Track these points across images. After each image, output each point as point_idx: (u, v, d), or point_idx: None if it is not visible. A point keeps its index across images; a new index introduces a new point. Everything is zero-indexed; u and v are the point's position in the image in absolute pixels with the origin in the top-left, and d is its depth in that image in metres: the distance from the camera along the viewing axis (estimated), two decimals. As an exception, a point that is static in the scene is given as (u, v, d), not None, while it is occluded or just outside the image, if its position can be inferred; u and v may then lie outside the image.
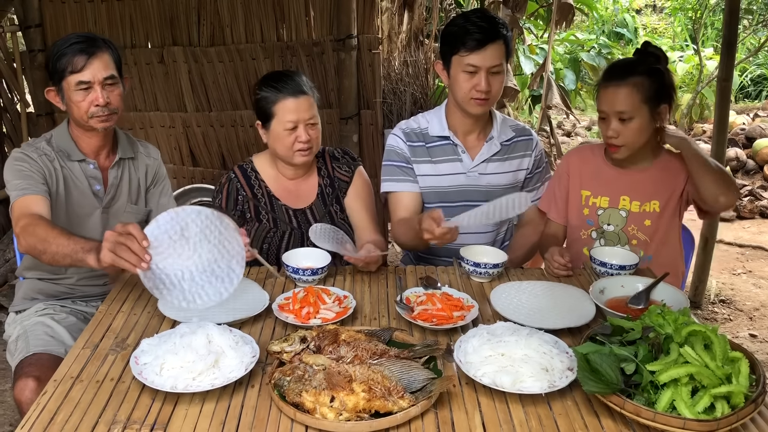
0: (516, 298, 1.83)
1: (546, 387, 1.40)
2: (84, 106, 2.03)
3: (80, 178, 2.13)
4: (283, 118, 2.10)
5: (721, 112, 3.67)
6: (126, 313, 1.80)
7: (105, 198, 2.17)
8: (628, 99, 2.02)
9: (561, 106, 4.51)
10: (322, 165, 2.30)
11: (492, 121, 2.36)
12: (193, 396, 1.41)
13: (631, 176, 2.19)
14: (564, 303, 1.81)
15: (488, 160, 2.33)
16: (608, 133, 2.08)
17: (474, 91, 2.17)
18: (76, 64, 1.99)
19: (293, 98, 2.10)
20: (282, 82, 2.12)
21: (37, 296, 2.20)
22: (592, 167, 2.25)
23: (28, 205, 1.95)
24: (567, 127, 7.74)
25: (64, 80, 2.02)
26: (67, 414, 1.37)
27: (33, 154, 2.06)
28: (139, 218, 2.26)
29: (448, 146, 2.32)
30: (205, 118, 3.95)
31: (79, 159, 2.12)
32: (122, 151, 2.20)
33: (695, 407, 1.30)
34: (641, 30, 10.03)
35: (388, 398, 1.35)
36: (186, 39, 3.85)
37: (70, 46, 2.01)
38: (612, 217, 2.22)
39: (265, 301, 1.80)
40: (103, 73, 2.02)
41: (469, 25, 2.13)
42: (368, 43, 3.72)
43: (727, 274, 4.34)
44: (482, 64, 2.13)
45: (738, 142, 6.19)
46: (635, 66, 2.07)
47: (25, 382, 1.85)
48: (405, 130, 2.36)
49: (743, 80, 8.10)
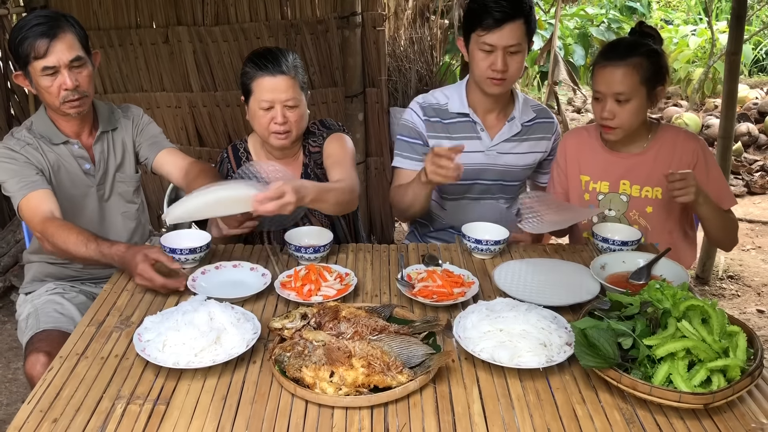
0: (519, 277, 1.82)
1: (544, 362, 1.42)
2: (54, 90, 1.97)
3: (68, 160, 2.10)
4: (259, 96, 2.06)
5: (730, 86, 3.62)
6: (130, 291, 1.83)
7: (97, 175, 2.15)
8: (627, 79, 1.98)
9: (568, 82, 4.47)
10: (306, 143, 2.24)
11: (513, 101, 2.34)
12: (195, 372, 1.44)
13: (627, 159, 2.15)
14: (568, 280, 1.81)
15: (507, 140, 2.32)
16: (603, 114, 2.03)
17: (490, 71, 2.14)
18: (38, 49, 1.91)
19: (270, 77, 2.03)
20: (264, 60, 2.06)
21: (45, 279, 2.23)
22: (589, 151, 2.21)
23: (36, 206, 1.96)
24: (578, 104, 7.67)
25: (29, 65, 1.95)
26: (72, 389, 1.40)
27: (16, 147, 2.03)
28: (132, 185, 2.24)
29: (468, 123, 2.31)
30: (211, 98, 3.95)
31: (62, 141, 2.09)
32: (102, 125, 2.16)
33: (691, 381, 1.31)
34: (654, 4, 9.86)
35: (387, 373, 1.37)
36: (191, 18, 3.84)
37: (30, 28, 1.92)
38: (613, 201, 2.19)
39: (267, 281, 1.81)
40: (67, 56, 1.94)
41: (489, 2, 2.09)
42: (372, 21, 3.69)
43: (736, 249, 4.31)
44: (498, 44, 2.10)
45: (750, 117, 6.11)
46: (635, 46, 2.02)
47: (36, 357, 1.89)
48: (422, 105, 2.34)
49: (757, 54, 7.97)
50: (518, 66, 2.18)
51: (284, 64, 2.05)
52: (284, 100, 2.05)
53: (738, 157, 5.54)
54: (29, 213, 1.97)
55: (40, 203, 1.96)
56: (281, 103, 2.05)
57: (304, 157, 2.24)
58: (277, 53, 2.08)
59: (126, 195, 2.24)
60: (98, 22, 3.83)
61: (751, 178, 5.34)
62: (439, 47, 4.46)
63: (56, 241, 1.90)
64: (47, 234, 1.92)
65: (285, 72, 2.04)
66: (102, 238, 1.93)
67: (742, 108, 6.18)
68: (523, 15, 2.11)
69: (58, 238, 1.90)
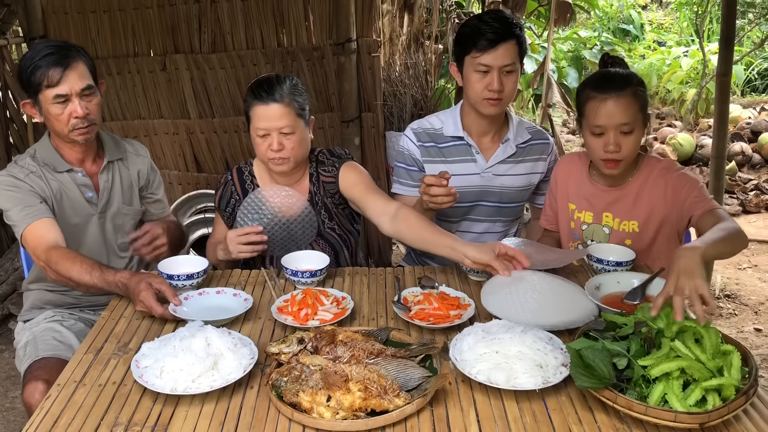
0: (510, 299, 1.77)
1: (540, 383, 1.42)
2: (63, 119, 2.01)
3: (71, 187, 2.12)
4: (256, 124, 2.09)
5: (722, 107, 3.67)
6: (128, 318, 1.84)
7: (99, 203, 2.18)
8: (630, 109, 1.97)
9: (562, 104, 4.51)
10: (314, 171, 2.26)
11: (508, 123, 2.37)
12: (192, 398, 1.44)
13: (610, 193, 2.14)
14: (564, 302, 1.78)
15: (503, 162, 2.34)
16: (609, 148, 1.98)
17: (486, 91, 2.17)
18: (52, 77, 1.96)
19: (264, 105, 2.06)
20: (260, 88, 2.09)
21: (44, 306, 2.23)
22: (576, 181, 2.22)
23: (41, 235, 1.97)
24: (572, 126, 7.73)
25: (40, 93, 1.99)
26: (70, 417, 1.40)
27: (20, 175, 2.05)
28: (135, 218, 2.28)
29: (462, 146, 2.33)
30: (209, 125, 3.99)
31: (66, 169, 2.12)
32: (109, 154, 2.20)
33: (687, 400, 1.31)
34: (647, 26, 9.99)
35: (384, 397, 1.37)
36: (188, 46, 3.89)
37: (43, 58, 1.97)
38: (595, 233, 2.18)
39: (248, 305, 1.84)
40: (79, 84, 1.99)
41: (482, 25, 2.15)
42: (368, 47, 3.74)
43: (733, 268, 4.33)
44: (494, 64, 2.14)
45: (743, 136, 6.16)
46: (628, 76, 2.03)
47: (35, 385, 1.89)
48: (416, 131, 2.37)
49: (750, 74, 8.06)
50: (513, 86, 2.22)
51: (278, 92, 2.07)
52: (279, 128, 2.08)
53: (732, 176, 5.58)
54: (34, 242, 1.98)
55: (45, 232, 1.98)
56: (276, 130, 2.08)
57: (311, 185, 2.25)
58: (273, 82, 2.10)
59: (126, 225, 2.26)
60: (96, 51, 3.88)
61: (745, 197, 5.37)
62: (434, 72, 4.52)
63: (60, 270, 1.92)
64: (51, 262, 1.94)
65: (278, 100, 2.07)
66: (105, 266, 1.95)
67: (735, 128, 6.24)
68: (515, 36, 2.15)
69: (61, 266, 1.92)
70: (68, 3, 3.90)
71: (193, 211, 3.99)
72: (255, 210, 2.20)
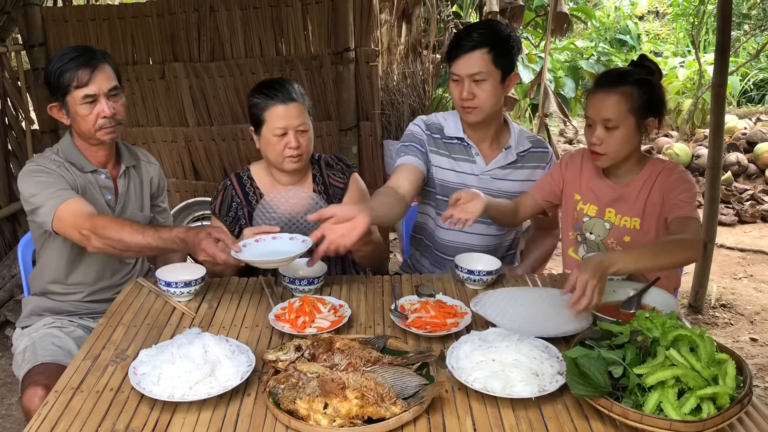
0: (507, 309, 1.78)
1: (536, 391, 1.43)
2: (91, 119, 2.05)
3: (94, 188, 2.15)
4: (273, 124, 2.14)
5: (717, 117, 3.68)
6: (126, 325, 1.84)
7: (117, 207, 2.20)
8: (615, 107, 2.01)
9: (558, 114, 4.54)
10: (317, 172, 2.32)
11: (508, 130, 2.39)
12: (190, 405, 1.44)
13: (616, 189, 2.17)
14: (560, 311, 1.77)
15: (502, 168, 2.36)
16: (592, 140, 2.07)
17: (459, 99, 2.22)
18: (81, 78, 2.02)
19: (283, 105, 2.13)
20: (273, 90, 2.15)
21: (43, 313, 2.23)
22: (586, 173, 2.26)
23: (79, 208, 1.98)
24: (569, 135, 7.77)
25: (68, 95, 2.05)
26: (67, 424, 1.40)
27: (51, 166, 2.08)
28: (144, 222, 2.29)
29: (463, 147, 2.36)
30: (207, 132, 4.00)
31: (91, 170, 2.15)
32: (126, 160, 2.25)
33: (681, 409, 1.32)
34: (644, 36, 10.05)
35: (381, 404, 1.38)
36: (187, 55, 3.92)
37: (70, 60, 2.03)
38: (596, 226, 2.21)
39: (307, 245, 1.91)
40: (107, 85, 2.06)
41: (462, 33, 2.20)
42: (366, 56, 3.77)
43: (728, 278, 4.35)
44: (461, 72, 2.18)
45: (739, 147, 6.19)
46: (626, 75, 2.05)
47: (34, 390, 1.88)
48: (426, 122, 2.41)
49: (745, 85, 8.11)
50: (487, 95, 2.20)
51: (293, 91, 2.16)
52: (297, 126, 2.14)
53: (728, 186, 5.60)
54: (72, 215, 1.97)
55: (82, 205, 2.00)
56: (294, 128, 2.14)
57: (315, 185, 2.30)
58: (284, 82, 2.18)
59: None
60: (96, 59, 3.89)
61: (741, 207, 5.39)
62: (431, 81, 4.54)
63: (109, 233, 1.93)
64: (98, 228, 1.94)
65: (295, 99, 2.15)
66: (156, 225, 2.02)
67: (731, 138, 6.27)
68: (489, 44, 2.15)
69: (110, 230, 1.93)
70: (68, 11, 3.93)
71: (191, 219, 4.00)
72: (268, 219, 2.23)
